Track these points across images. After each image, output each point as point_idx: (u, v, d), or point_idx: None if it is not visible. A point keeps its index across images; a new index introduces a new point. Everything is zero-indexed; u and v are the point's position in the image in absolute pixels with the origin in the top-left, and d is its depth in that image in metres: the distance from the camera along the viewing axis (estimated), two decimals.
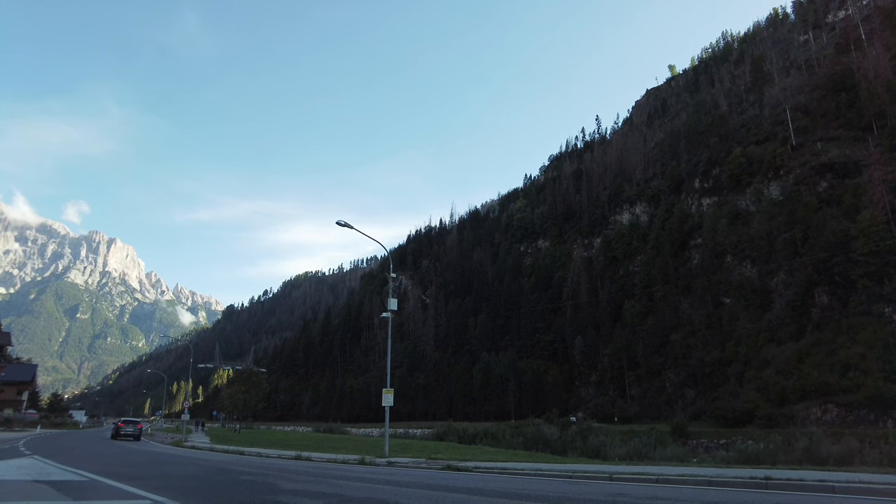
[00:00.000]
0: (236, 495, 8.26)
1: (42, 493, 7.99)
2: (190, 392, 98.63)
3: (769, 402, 47.95)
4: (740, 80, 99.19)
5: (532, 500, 8.12)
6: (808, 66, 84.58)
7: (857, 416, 41.61)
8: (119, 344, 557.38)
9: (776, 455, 19.99)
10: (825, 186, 62.01)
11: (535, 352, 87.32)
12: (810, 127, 70.46)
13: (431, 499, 8.28)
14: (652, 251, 79.84)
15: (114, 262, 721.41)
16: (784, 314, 56.57)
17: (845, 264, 52.61)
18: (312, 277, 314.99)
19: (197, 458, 19.28)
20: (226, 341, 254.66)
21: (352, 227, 22.46)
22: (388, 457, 19.53)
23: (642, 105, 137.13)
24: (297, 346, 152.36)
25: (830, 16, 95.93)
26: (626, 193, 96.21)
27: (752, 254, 64.34)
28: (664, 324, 69.94)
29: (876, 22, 75.29)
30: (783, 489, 9.53)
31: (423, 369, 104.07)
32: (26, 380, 75.74)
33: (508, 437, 40.05)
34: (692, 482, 10.71)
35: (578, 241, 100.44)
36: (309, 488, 9.59)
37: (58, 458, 16.18)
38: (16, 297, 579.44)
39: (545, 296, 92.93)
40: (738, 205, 71.76)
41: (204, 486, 9.57)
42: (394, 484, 10.61)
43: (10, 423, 53.39)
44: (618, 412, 64.91)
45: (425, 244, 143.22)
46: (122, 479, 10.26)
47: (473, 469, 14.80)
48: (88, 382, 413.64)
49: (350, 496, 8.33)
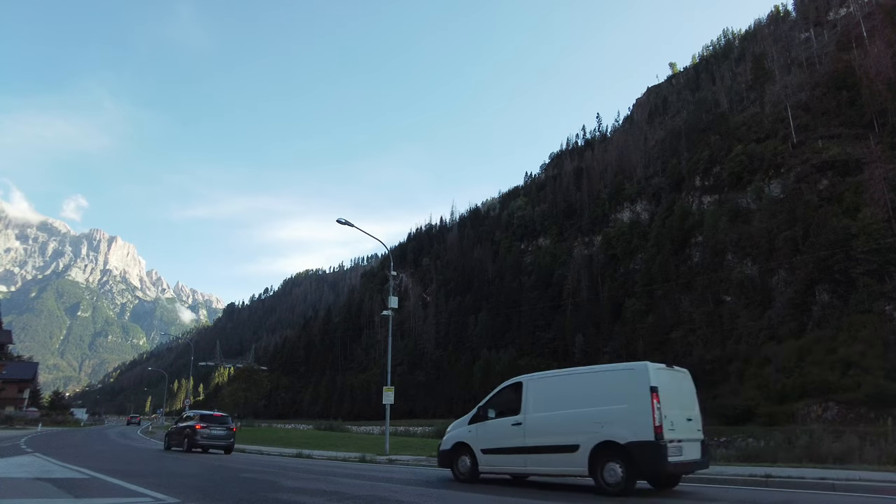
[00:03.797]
0: (237, 492, 8.27)
1: (44, 491, 8.01)
2: (191, 390, 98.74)
3: (769, 400, 47.97)
4: (741, 78, 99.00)
5: (532, 499, 8.13)
6: (809, 64, 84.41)
7: (858, 414, 41.59)
8: (120, 342, 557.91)
9: (776, 453, 19.97)
10: (826, 184, 61.97)
11: (536, 350, 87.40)
12: (811, 124, 70.37)
13: (432, 496, 8.29)
14: (652, 249, 79.82)
15: (114, 261, 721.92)
16: (784, 312, 56.58)
17: (846, 262, 52.61)
18: (313, 275, 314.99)
19: (197, 456, 19.32)
20: (226, 339, 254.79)
21: (353, 225, 22.44)
22: (388, 454, 19.56)
23: (643, 103, 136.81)
24: (297, 343, 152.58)
25: (832, 13, 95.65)
26: (626, 191, 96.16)
27: (753, 251, 64.33)
28: (665, 322, 69.97)
29: (877, 19, 75.09)
30: (784, 487, 9.54)
31: (423, 367, 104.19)
32: (27, 378, 75.79)
33: None
34: (693, 480, 10.72)
35: (579, 239, 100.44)
36: (310, 486, 9.61)
37: (59, 455, 16.21)
38: (17, 296, 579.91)
39: (546, 294, 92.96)
40: (738, 202, 71.72)
41: (205, 484, 9.59)
42: (394, 481, 10.63)
43: (12, 420, 53.47)
44: None
45: (426, 242, 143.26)
46: (124, 476, 10.28)
47: None
48: (89, 380, 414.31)
49: (351, 494, 8.35)
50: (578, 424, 9.11)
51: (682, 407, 9.16)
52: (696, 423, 9.33)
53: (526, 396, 10.18)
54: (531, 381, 10.38)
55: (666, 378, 8.98)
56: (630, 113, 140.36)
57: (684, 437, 8.82)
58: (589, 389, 9.44)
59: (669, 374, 9.21)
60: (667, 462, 8.28)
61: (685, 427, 8.98)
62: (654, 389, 8.47)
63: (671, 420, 8.57)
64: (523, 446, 9.80)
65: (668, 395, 8.69)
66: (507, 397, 10.76)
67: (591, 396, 9.24)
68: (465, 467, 10.80)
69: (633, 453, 8.36)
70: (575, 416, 9.26)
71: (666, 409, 8.50)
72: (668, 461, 8.30)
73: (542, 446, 9.51)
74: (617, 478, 8.43)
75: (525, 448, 9.77)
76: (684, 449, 8.74)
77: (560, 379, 10.14)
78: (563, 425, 9.37)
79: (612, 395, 8.96)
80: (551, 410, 9.69)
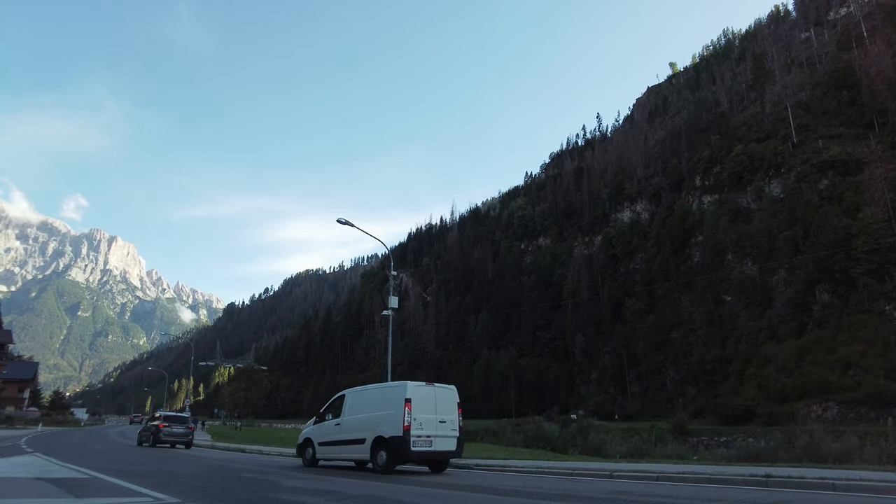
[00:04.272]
0: (237, 492, 8.27)
1: (44, 491, 8.01)
2: (191, 390, 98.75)
3: (770, 400, 48.02)
4: (741, 78, 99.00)
5: (533, 498, 8.13)
6: (809, 64, 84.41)
7: (858, 414, 41.65)
8: (120, 342, 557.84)
9: (777, 453, 20.01)
10: (826, 184, 61.95)
11: (536, 349, 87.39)
12: (811, 124, 70.36)
13: (431, 496, 8.29)
14: (653, 249, 79.82)
15: (115, 260, 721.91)
16: (785, 312, 56.57)
17: (846, 262, 52.60)
18: (313, 275, 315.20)
19: (198, 456, 19.33)
20: (227, 339, 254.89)
21: (353, 224, 22.43)
22: None
23: (643, 102, 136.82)
24: (298, 343, 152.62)
25: (832, 13, 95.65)
26: (626, 191, 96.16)
27: (753, 251, 64.32)
28: (665, 321, 69.95)
29: (877, 19, 75.10)
30: (784, 487, 9.53)
31: (423, 367, 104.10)
32: (28, 377, 75.79)
33: (509, 435, 40.09)
34: (693, 480, 10.72)
35: (579, 239, 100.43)
36: (310, 486, 9.61)
37: (59, 455, 16.21)
38: (17, 295, 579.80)
39: (546, 293, 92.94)
40: (738, 202, 71.70)
41: (205, 484, 9.59)
42: (394, 482, 10.63)
43: (12, 420, 53.46)
44: (618, 410, 64.96)
45: (426, 242, 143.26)
46: (124, 476, 10.28)
47: (474, 466, 14.82)
48: (90, 380, 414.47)
49: (351, 493, 8.35)
50: (366, 424, 12.84)
51: (437, 413, 12.51)
52: (450, 425, 12.71)
53: (345, 404, 13.98)
54: (349, 393, 14.37)
55: (421, 392, 12.47)
56: (630, 113, 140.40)
57: (435, 433, 12.26)
58: (377, 400, 13.22)
59: (427, 389, 12.71)
60: (411, 451, 11.80)
61: (437, 427, 12.37)
62: (408, 400, 12.01)
63: (420, 422, 12.01)
64: (339, 440, 13.66)
65: (421, 404, 12.18)
66: (336, 404, 14.42)
67: (377, 404, 13.02)
68: (309, 455, 14.61)
69: (391, 444, 11.98)
70: (366, 419, 12.97)
71: (416, 414, 11.97)
72: (413, 450, 11.82)
73: (348, 440, 13.36)
74: (383, 461, 12.14)
75: (340, 441, 13.64)
76: (435, 442, 12.25)
77: (365, 392, 14.18)
78: (360, 425, 13.08)
79: (387, 403, 12.60)
80: (356, 414, 13.45)
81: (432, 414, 12.33)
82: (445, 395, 13.06)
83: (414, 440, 11.78)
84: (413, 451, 11.79)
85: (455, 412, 12.95)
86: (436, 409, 12.44)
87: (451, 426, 12.63)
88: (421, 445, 11.91)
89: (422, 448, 11.95)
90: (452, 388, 13.40)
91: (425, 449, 12.05)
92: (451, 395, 13.16)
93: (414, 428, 11.81)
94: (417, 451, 11.89)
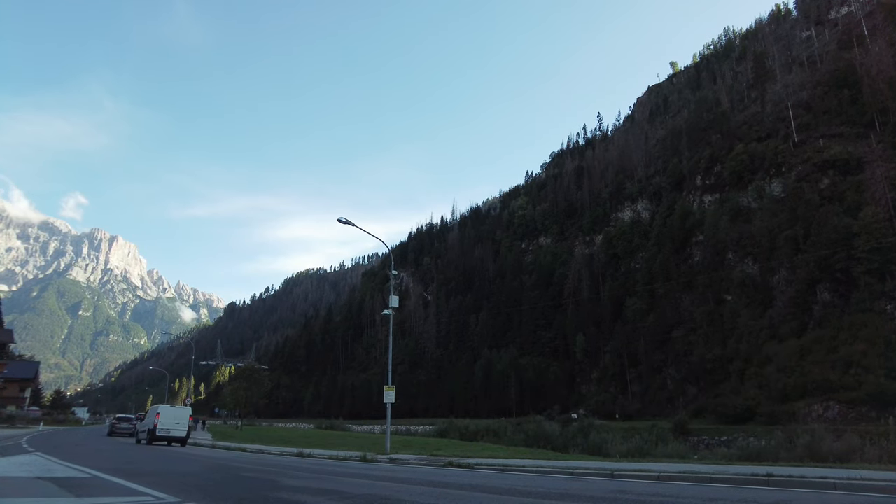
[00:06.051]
0: (238, 491, 8.28)
1: (45, 490, 8.01)
2: (192, 389, 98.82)
3: (771, 399, 47.98)
4: (742, 77, 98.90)
5: (533, 497, 8.12)
6: (810, 63, 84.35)
7: (859, 413, 41.63)
8: (121, 341, 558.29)
9: (778, 452, 19.99)
10: (827, 183, 61.90)
11: (537, 349, 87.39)
12: (812, 123, 70.29)
13: (433, 495, 8.29)
14: (653, 248, 79.80)
15: (115, 260, 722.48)
16: (785, 311, 56.55)
17: (847, 261, 52.57)
18: (314, 275, 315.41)
19: (199, 455, 19.34)
20: (227, 338, 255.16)
21: (353, 224, 22.43)
22: (389, 453, 19.56)
23: (644, 102, 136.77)
24: (298, 343, 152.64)
25: (833, 12, 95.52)
26: (627, 190, 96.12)
27: (754, 251, 64.28)
28: (665, 321, 69.94)
29: (878, 18, 74.98)
30: (785, 486, 9.52)
31: (424, 366, 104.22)
32: (29, 377, 75.85)
33: (510, 434, 40.07)
34: (693, 479, 10.71)
35: (580, 239, 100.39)
36: (311, 485, 9.61)
37: (60, 454, 16.22)
38: (18, 295, 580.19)
39: (546, 293, 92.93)
40: (739, 202, 71.65)
41: (206, 483, 9.60)
42: (395, 480, 10.63)
43: (13, 419, 53.52)
44: (619, 409, 64.97)
45: (426, 241, 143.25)
46: (125, 475, 10.28)
47: (475, 466, 14.82)
48: (91, 379, 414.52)
49: (352, 493, 8.34)
50: (148, 423, 27.05)
51: (174, 419, 26.53)
52: (182, 425, 26.59)
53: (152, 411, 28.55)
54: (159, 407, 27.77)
55: (166, 409, 27.53)
56: (631, 112, 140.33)
57: (171, 428, 26.26)
58: (158, 411, 26.84)
59: (170, 408, 28.19)
60: (156, 435, 25.98)
61: (173, 426, 26.32)
62: (157, 412, 26.71)
63: (162, 422, 26.09)
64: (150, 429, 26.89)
65: (166, 415, 26.57)
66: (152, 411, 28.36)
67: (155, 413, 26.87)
68: (144, 439, 27.47)
69: (150, 431, 26.28)
70: (151, 420, 26.65)
71: (162, 419, 26.18)
72: (157, 435, 25.97)
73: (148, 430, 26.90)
74: (146, 439, 26.93)
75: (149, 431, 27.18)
76: (171, 432, 26.27)
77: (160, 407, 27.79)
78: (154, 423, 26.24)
79: (154, 413, 26.99)
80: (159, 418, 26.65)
81: (172, 420, 26.44)
82: (182, 411, 27.76)
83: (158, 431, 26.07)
84: (158, 436, 26.02)
85: (186, 419, 27.07)
86: (173, 417, 26.65)
87: (182, 427, 26.58)
88: (162, 433, 26.05)
89: (163, 434, 26.10)
90: (188, 408, 30.14)
91: (166, 435, 26.17)
92: (186, 412, 27.93)
93: (159, 425, 25.98)
94: (161, 436, 26.07)
